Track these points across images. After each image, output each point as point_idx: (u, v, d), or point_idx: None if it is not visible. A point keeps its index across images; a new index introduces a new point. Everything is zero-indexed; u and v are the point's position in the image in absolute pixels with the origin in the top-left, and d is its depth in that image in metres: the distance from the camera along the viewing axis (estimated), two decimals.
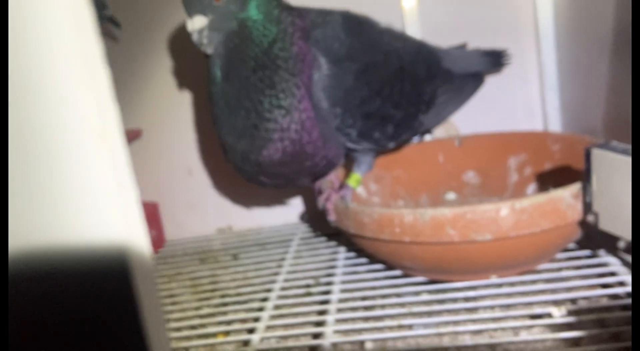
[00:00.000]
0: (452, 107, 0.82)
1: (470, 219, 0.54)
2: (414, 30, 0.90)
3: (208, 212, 1.00)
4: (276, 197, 0.98)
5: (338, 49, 0.64)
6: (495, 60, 0.87)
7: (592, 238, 0.66)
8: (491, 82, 0.93)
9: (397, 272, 0.68)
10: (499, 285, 0.64)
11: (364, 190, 0.82)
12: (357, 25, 0.68)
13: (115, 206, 0.23)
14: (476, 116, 0.94)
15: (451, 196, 0.86)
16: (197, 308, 0.73)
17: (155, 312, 0.24)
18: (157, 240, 0.91)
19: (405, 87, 0.68)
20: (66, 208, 0.23)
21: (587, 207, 0.54)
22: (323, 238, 0.87)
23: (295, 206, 0.98)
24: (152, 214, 0.91)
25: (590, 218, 0.54)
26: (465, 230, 0.54)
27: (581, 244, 0.68)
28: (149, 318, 0.24)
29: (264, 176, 0.66)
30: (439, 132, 0.94)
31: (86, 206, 0.23)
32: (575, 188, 0.55)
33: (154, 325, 0.24)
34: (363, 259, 0.75)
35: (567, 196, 0.54)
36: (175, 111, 0.95)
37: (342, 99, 0.64)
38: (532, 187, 0.80)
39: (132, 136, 0.91)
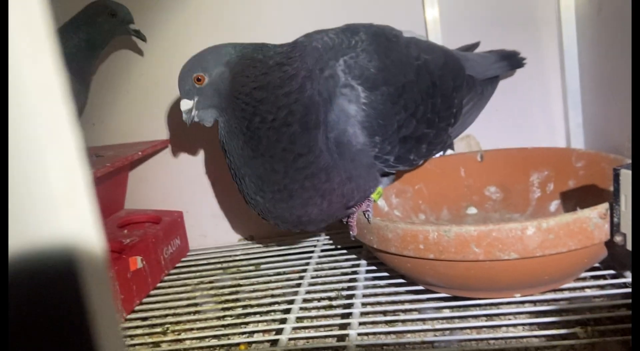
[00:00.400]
0: (475, 114, 0.81)
1: (496, 237, 0.54)
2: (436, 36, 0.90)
3: (231, 222, 1.01)
4: None
5: (373, 74, 0.62)
6: (511, 62, 0.85)
7: (617, 258, 0.66)
8: (513, 97, 0.93)
9: (419, 287, 0.69)
10: (522, 303, 0.64)
11: (385, 203, 0.83)
12: (385, 43, 0.66)
13: (62, 199, 0.21)
14: (498, 131, 0.94)
15: (472, 210, 0.86)
16: (220, 318, 0.74)
17: (106, 314, 0.24)
18: (182, 249, 0.93)
19: (437, 103, 0.67)
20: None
21: (615, 228, 0.54)
22: (343, 251, 0.88)
23: None
24: (177, 223, 0.92)
25: (617, 239, 0.54)
26: (491, 248, 0.54)
27: (605, 264, 0.68)
28: (100, 320, 0.23)
29: (303, 225, 0.68)
30: (461, 146, 0.94)
31: (28, 199, 0.21)
32: (603, 208, 0.55)
33: (105, 328, 0.23)
34: (384, 273, 0.75)
35: (595, 216, 0.54)
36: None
37: (382, 127, 0.61)
38: (555, 204, 0.80)
39: (159, 146, 0.93)
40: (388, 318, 0.67)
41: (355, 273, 0.79)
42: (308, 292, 0.75)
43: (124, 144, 0.95)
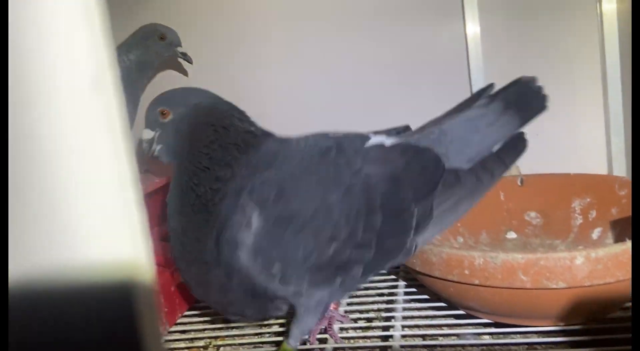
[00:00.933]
0: (465, 206, 0.64)
1: (544, 266, 0.54)
2: (477, 66, 0.91)
3: None
4: None
5: (275, 199, 0.54)
6: (524, 108, 0.66)
7: None
8: (554, 122, 0.93)
9: (460, 312, 0.69)
10: (566, 333, 0.63)
11: None
12: (318, 158, 0.58)
13: (119, 226, 0.22)
14: (537, 156, 0.94)
15: (512, 235, 0.86)
16: (259, 334, 0.75)
17: (154, 338, 0.24)
18: None
19: (376, 220, 0.57)
20: (64, 227, 0.21)
21: None
22: (382, 272, 0.88)
23: None
24: None
25: None
26: (538, 277, 0.54)
27: None
28: (148, 342, 0.23)
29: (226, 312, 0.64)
30: None
31: (87, 226, 0.22)
32: None
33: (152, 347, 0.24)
34: (424, 296, 0.75)
35: None
36: None
37: (280, 257, 0.54)
38: (597, 231, 0.79)
39: None
40: (427, 342, 0.67)
41: (393, 294, 0.79)
42: (346, 312, 0.75)
43: None
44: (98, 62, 0.21)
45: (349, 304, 0.78)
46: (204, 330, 0.77)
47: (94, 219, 0.21)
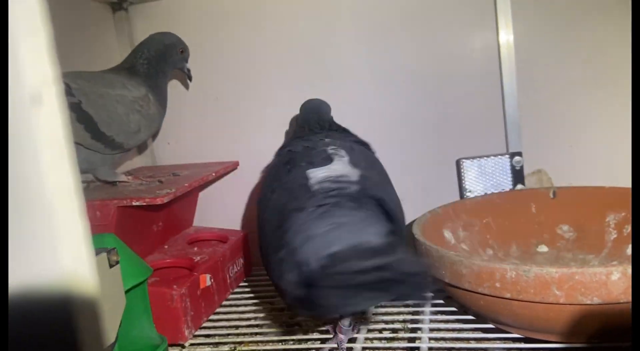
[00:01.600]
0: None
1: (579, 280, 0.52)
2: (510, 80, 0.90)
3: None
4: None
5: None
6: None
7: None
8: (588, 134, 0.91)
9: (489, 325, 0.67)
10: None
11: (452, 236, 0.82)
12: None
13: (60, 238, 0.22)
14: (570, 167, 0.92)
15: (543, 248, 0.83)
16: (283, 341, 0.75)
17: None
18: (246, 268, 0.95)
19: None
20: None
21: None
22: None
23: None
24: (242, 243, 0.94)
25: None
26: (573, 292, 0.53)
27: None
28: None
29: None
30: (532, 181, 0.92)
31: (26, 238, 0.21)
32: None
33: None
34: (452, 308, 0.74)
35: None
36: (269, 146, 1.00)
37: None
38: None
39: (230, 168, 0.97)
40: None
41: (420, 305, 0.78)
42: (372, 322, 0.74)
43: (197, 164, 0.99)
44: (41, 77, 0.21)
45: (374, 314, 0.77)
46: (228, 335, 0.77)
47: (33, 231, 0.21)
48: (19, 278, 0.21)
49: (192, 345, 0.74)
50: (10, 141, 0.21)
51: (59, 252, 0.21)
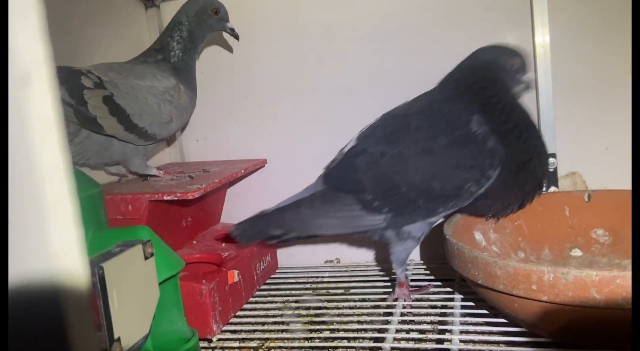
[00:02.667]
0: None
1: (620, 284, 0.51)
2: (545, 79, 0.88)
3: (319, 243, 1.02)
4: None
5: None
6: None
7: None
8: (624, 136, 0.88)
9: (521, 329, 0.66)
10: None
11: (483, 238, 0.80)
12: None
13: (49, 229, 0.21)
14: (606, 170, 0.89)
15: (577, 252, 0.81)
16: (308, 339, 0.75)
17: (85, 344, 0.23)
18: (272, 266, 0.95)
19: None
20: None
21: None
22: (436, 283, 0.86)
23: None
24: None
25: None
26: (613, 296, 0.51)
27: None
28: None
29: None
30: (566, 184, 0.90)
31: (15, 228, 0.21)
32: None
33: None
34: (483, 311, 0.72)
35: None
36: (296, 145, 1.00)
37: None
38: None
39: (258, 165, 0.97)
40: None
41: (449, 307, 0.77)
42: (401, 322, 0.74)
43: (225, 161, 0.99)
44: (31, 57, 0.21)
45: (404, 314, 0.76)
46: (254, 331, 0.77)
47: (22, 222, 0.21)
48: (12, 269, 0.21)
49: (219, 340, 0.74)
50: None
51: (49, 236, 0.21)
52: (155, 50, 0.83)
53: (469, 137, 0.70)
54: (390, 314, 0.76)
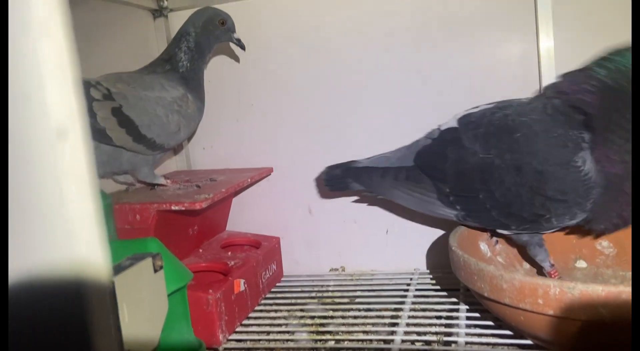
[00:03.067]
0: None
1: (626, 300, 0.51)
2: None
3: (324, 251, 1.02)
4: (390, 244, 0.99)
5: None
6: None
7: None
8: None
9: (527, 341, 0.66)
10: None
11: (488, 248, 0.81)
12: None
13: (66, 226, 0.23)
14: None
15: (582, 264, 0.82)
16: (314, 349, 0.75)
17: (105, 334, 0.24)
18: (277, 274, 0.95)
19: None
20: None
21: None
22: (442, 292, 0.86)
23: (408, 255, 0.98)
24: (274, 249, 0.95)
25: None
26: (620, 311, 0.51)
27: None
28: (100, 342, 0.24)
29: None
30: None
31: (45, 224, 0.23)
32: None
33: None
34: (488, 322, 0.73)
35: None
36: (302, 153, 1.00)
37: None
38: None
39: (264, 173, 0.97)
40: None
41: (454, 317, 0.77)
42: (406, 333, 0.74)
43: (232, 170, 1.00)
44: (67, 112, 0.22)
45: (409, 325, 0.76)
46: (260, 340, 0.77)
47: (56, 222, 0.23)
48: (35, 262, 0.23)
49: (225, 349, 0.74)
50: (36, 173, 0.22)
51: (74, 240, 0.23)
52: (164, 61, 0.83)
53: (569, 172, 0.65)
54: (395, 324, 0.76)
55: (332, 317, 0.83)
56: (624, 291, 0.51)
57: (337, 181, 0.86)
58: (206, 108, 0.89)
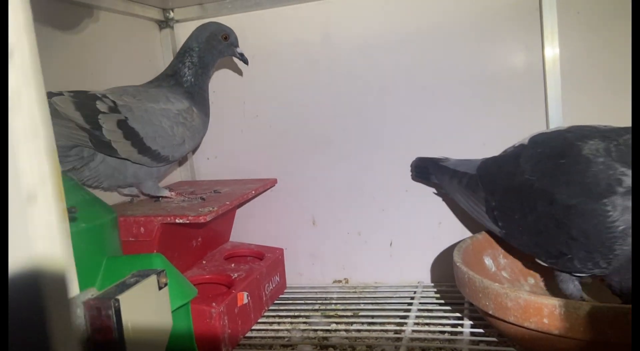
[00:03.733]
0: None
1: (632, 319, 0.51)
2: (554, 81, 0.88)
3: (327, 263, 1.02)
4: (394, 256, 0.99)
5: None
6: None
7: None
8: None
9: None
10: None
11: (493, 263, 0.80)
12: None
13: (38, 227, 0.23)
14: None
15: (588, 279, 0.81)
16: None
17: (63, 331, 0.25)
18: (280, 286, 0.95)
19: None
20: None
21: None
22: (446, 307, 0.85)
23: (412, 268, 0.98)
24: (278, 261, 0.95)
25: None
26: (626, 331, 0.51)
27: None
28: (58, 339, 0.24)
29: None
30: None
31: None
32: None
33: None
34: (492, 338, 0.72)
35: None
36: (307, 165, 1.00)
37: None
38: None
39: (269, 185, 0.97)
40: None
41: (458, 333, 0.77)
42: (409, 348, 0.73)
43: (236, 181, 1.00)
44: (37, 178, 0.23)
45: (413, 340, 0.76)
46: None
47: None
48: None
49: None
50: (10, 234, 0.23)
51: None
52: (168, 76, 0.84)
53: (595, 214, 0.60)
54: (399, 339, 0.76)
55: (335, 330, 0.83)
56: (631, 310, 0.51)
57: (421, 170, 0.91)
58: (211, 118, 0.89)
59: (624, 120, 0.86)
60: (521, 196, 0.69)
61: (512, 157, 0.74)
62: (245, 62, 0.90)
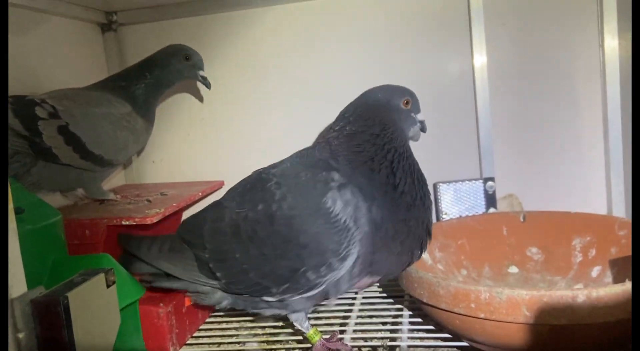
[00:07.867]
0: None
1: (547, 302, 0.56)
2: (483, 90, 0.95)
3: None
4: None
5: None
6: None
7: None
8: (556, 162, 0.97)
9: (464, 343, 0.71)
10: None
11: (429, 256, 0.86)
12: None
13: None
14: (539, 193, 0.97)
15: (514, 269, 0.88)
16: None
17: None
18: None
19: None
20: None
21: None
22: (388, 300, 0.90)
23: None
24: None
25: None
26: (541, 313, 0.57)
27: None
28: None
29: None
30: (503, 205, 0.97)
31: None
32: None
33: None
34: (429, 326, 0.77)
35: None
36: (253, 167, 1.02)
37: None
38: (597, 270, 0.82)
39: (216, 187, 0.99)
40: None
41: (398, 323, 0.81)
42: (353, 339, 0.77)
43: (183, 183, 1.01)
44: None
45: (355, 331, 0.79)
46: None
47: None
48: None
49: None
50: None
51: None
52: (117, 80, 0.84)
53: (319, 215, 0.60)
54: (343, 331, 0.80)
55: (282, 327, 0.86)
56: (545, 294, 0.57)
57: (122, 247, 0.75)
58: (156, 121, 0.90)
59: (546, 120, 0.95)
60: (237, 232, 0.65)
61: (212, 207, 0.72)
62: (208, 86, 0.91)
